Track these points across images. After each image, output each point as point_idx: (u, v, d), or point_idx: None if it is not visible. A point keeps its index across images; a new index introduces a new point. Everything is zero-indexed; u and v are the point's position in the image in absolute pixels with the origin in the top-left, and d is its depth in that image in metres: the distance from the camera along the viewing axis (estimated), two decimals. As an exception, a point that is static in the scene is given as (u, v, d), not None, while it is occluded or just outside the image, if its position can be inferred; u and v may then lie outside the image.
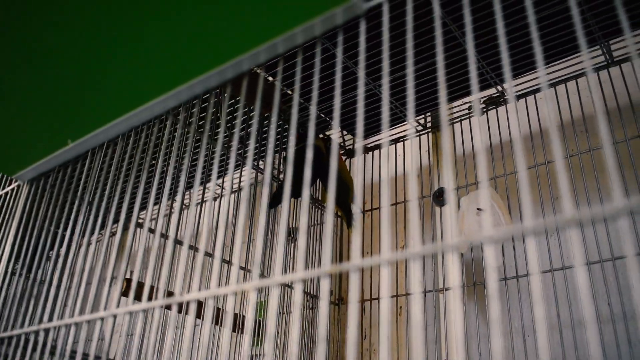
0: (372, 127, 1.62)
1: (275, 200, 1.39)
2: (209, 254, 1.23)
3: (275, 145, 1.41)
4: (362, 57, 0.54)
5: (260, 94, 0.64)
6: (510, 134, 1.44)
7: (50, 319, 0.84)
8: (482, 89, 1.44)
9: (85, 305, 0.79)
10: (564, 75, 1.35)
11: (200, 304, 1.08)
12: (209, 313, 0.67)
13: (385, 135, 1.63)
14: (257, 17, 0.58)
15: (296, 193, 1.36)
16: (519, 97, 1.42)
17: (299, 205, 1.60)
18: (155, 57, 0.66)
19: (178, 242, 0.99)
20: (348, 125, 1.62)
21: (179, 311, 1.03)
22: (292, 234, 1.63)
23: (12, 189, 1.03)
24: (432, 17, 1.01)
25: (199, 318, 0.99)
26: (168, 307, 0.67)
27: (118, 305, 0.78)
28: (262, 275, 1.37)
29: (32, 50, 0.71)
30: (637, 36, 1.25)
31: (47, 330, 0.83)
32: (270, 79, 1.30)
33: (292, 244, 1.61)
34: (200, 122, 1.23)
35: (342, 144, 1.74)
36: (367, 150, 1.73)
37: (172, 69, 0.67)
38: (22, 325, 0.84)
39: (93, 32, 0.66)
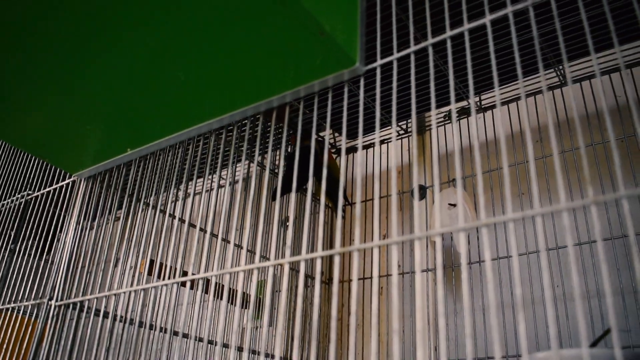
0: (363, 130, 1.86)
1: (275, 193, 1.63)
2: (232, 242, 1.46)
3: (275, 146, 1.65)
4: (361, 97, 0.78)
5: (287, 118, 0.88)
6: (478, 140, 1.68)
7: (98, 291, 1.07)
8: (456, 100, 1.69)
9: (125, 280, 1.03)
10: (526, 91, 1.60)
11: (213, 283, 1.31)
12: (235, 293, 0.91)
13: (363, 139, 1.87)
14: (285, 72, 0.82)
15: (290, 188, 1.60)
16: (486, 109, 1.67)
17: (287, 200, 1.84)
18: (208, 91, 0.89)
19: (202, 229, 1.23)
20: (340, 127, 1.86)
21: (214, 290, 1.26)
22: (284, 222, 1.87)
23: (67, 184, 1.26)
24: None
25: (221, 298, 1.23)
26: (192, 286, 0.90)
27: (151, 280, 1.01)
28: (264, 258, 1.61)
29: (102, 72, 0.93)
30: (586, 61, 1.51)
31: (106, 297, 1.07)
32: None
33: (287, 230, 1.85)
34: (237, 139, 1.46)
35: (333, 144, 1.98)
36: (355, 149, 1.98)
37: (220, 101, 0.90)
38: (83, 294, 1.08)
39: (157, 62, 0.89)
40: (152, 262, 1.41)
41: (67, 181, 1.27)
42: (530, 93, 1.60)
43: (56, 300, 1.08)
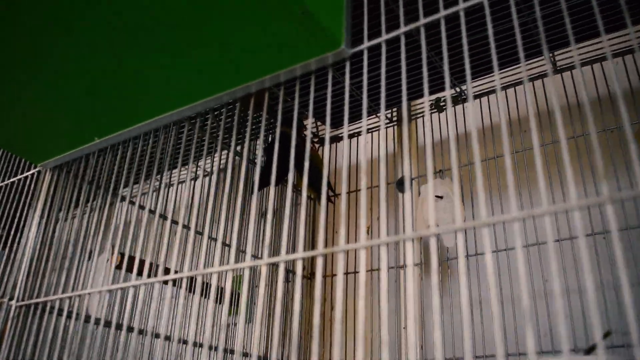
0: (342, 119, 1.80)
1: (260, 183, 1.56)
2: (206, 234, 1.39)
3: (255, 134, 1.57)
4: (347, 82, 0.72)
5: (266, 104, 0.81)
6: (465, 129, 1.63)
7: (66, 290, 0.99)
8: (442, 89, 1.63)
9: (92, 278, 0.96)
10: (515, 79, 1.54)
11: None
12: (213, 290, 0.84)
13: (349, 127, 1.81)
14: (263, 54, 0.75)
15: (277, 178, 1.53)
16: (475, 97, 1.61)
17: (273, 189, 1.78)
18: (180, 75, 0.82)
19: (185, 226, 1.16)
20: (323, 116, 1.80)
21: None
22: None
23: (32, 174, 1.18)
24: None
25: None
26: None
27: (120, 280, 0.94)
28: (240, 250, 1.55)
29: (65, 56, 0.85)
30: (580, 48, 1.46)
31: (70, 298, 0.99)
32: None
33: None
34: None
35: (315, 133, 1.92)
36: (338, 139, 1.91)
37: (193, 86, 0.83)
38: (49, 294, 1.00)
39: (126, 49, 0.81)
40: (122, 255, 1.34)
41: (32, 171, 1.19)
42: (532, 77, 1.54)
43: (17, 301, 1.01)
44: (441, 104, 1.67)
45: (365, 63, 0.71)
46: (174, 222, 1.29)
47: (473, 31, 1.32)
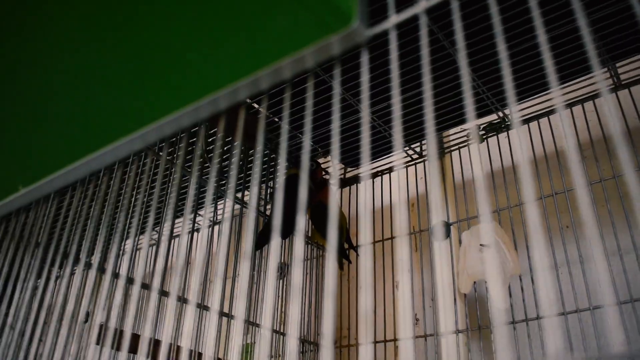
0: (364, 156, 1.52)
1: (262, 240, 1.27)
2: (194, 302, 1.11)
3: (260, 177, 1.30)
4: (366, 94, 0.44)
5: (241, 127, 0.54)
6: (512, 161, 1.34)
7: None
8: (482, 115, 1.35)
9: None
10: (574, 98, 1.26)
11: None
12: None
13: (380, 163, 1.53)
14: (235, 48, 0.48)
15: (284, 232, 1.24)
16: (522, 122, 1.33)
17: (285, 241, 1.48)
18: (117, 98, 0.56)
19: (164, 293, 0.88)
20: (339, 153, 1.52)
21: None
22: (280, 269, 1.52)
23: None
24: (434, 47, 0.92)
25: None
26: None
27: None
28: (248, 322, 1.25)
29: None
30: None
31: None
32: (256, 106, 1.20)
33: (282, 280, 1.49)
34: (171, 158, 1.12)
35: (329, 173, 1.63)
36: (353, 181, 1.63)
37: (138, 108, 0.56)
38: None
39: (47, 71, 0.56)
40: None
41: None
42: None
43: None
44: (480, 132, 1.39)
45: (394, 48, 0.43)
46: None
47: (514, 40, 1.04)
